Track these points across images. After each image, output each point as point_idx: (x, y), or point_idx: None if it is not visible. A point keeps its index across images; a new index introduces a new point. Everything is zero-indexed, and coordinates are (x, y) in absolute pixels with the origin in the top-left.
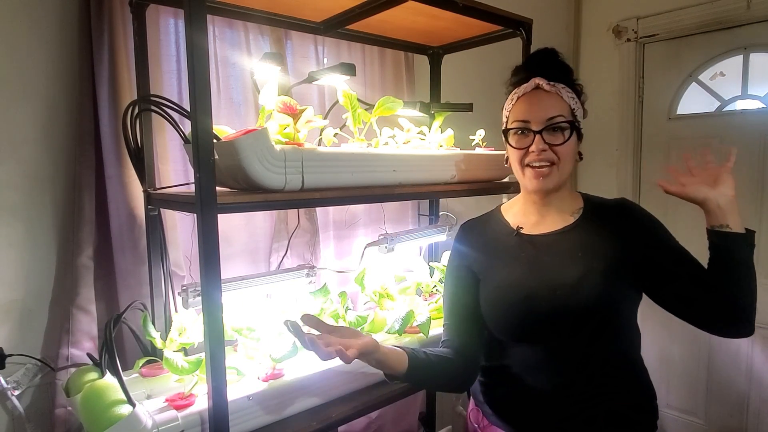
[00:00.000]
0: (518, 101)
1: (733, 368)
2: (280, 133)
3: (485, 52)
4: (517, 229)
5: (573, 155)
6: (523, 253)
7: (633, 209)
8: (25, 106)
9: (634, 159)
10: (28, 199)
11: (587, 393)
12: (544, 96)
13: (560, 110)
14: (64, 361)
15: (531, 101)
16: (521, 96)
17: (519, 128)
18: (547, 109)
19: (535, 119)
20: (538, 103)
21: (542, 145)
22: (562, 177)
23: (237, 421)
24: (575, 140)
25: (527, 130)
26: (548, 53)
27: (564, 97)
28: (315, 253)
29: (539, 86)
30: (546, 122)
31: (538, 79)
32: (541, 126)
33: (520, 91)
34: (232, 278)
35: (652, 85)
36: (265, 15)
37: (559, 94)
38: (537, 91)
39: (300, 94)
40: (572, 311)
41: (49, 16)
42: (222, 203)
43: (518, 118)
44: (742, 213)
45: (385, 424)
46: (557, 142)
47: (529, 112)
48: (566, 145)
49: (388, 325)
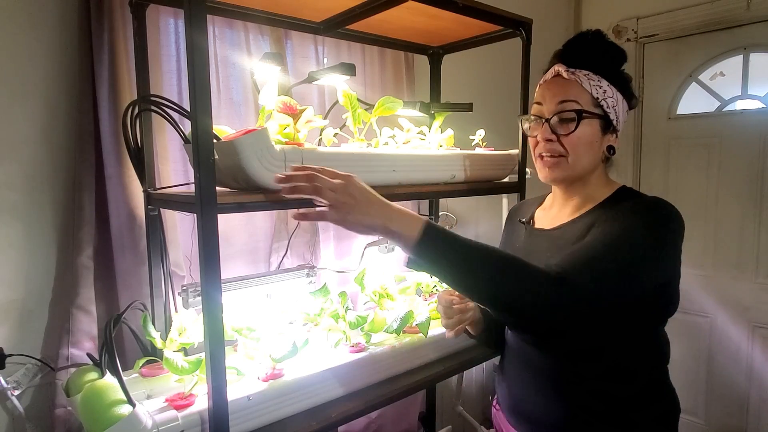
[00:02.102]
0: (539, 89)
1: (733, 368)
2: (280, 133)
3: (485, 52)
4: (528, 219)
5: (587, 148)
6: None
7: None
8: (24, 106)
9: (634, 159)
10: (28, 199)
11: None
12: (561, 83)
13: (574, 97)
14: (64, 361)
15: (547, 88)
16: (542, 84)
17: (533, 115)
18: (558, 96)
19: (547, 107)
20: (552, 90)
21: (548, 134)
22: (575, 169)
23: (237, 421)
24: (591, 132)
25: (540, 117)
26: (579, 38)
27: (584, 85)
28: (315, 253)
29: (558, 73)
30: (556, 109)
31: (558, 66)
32: (550, 114)
33: (542, 80)
34: (232, 278)
35: (652, 85)
36: (265, 15)
37: (578, 81)
38: (557, 78)
39: (300, 94)
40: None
41: (49, 16)
42: (222, 203)
43: (535, 101)
44: (743, 213)
45: (385, 424)
46: (563, 132)
47: (543, 99)
48: (572, 136)
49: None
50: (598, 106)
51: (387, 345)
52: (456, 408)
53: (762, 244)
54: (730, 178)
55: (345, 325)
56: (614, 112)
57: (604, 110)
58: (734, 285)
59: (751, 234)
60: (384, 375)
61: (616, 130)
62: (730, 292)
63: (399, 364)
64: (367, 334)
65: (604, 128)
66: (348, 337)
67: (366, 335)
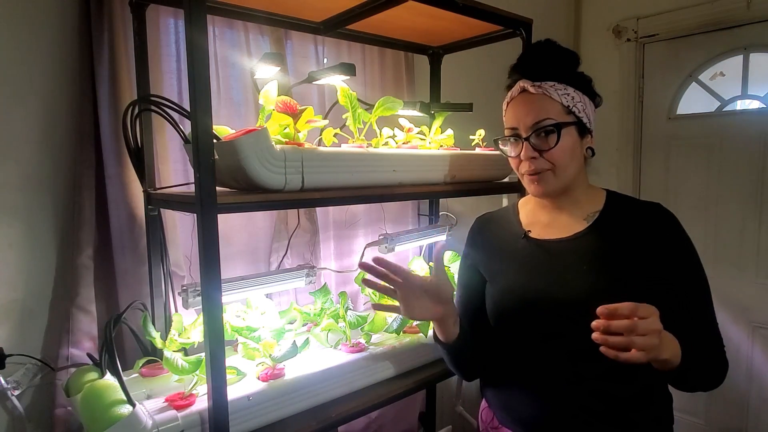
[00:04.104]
0: (508, 108)
1: (733, 368)
2: (280, 133)
3: (485, 52)
4: (525, 232)
5: (571, 156)
6: (528, 259)
7: (666, 219)
8: (25, 106)
9: (634, 159)
10: (28, 199)
11: (584, 394)
12: (530, 99)
13: (547, 112)
14: (64, 361)
15: (518, 106)
16: (510, 102)
17: (509, 136)
18: (532, 113)
19: (522, 125)
20: (523, 107)
21: (531, 153)
22: (564, 180)
23: (237, 421)
24: (571, 140)
25: (518, 137)
26: (535, 50)
27: (554, 96)
28: (315, 253)
29: (525, 89)
30: (532, 127)
31: (523, 81)
32: (527, 132)
33: (509, 97)
34: (232, 278)
35: (652, 85)
36: (265, 15)
37: (546, 94)
38: (523, 94)
39: (300, 94)
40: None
41: (49, 16)
42: (222, 203)
43: (508, 125)
44: (743, 213)
45: (385, 424)
46: (545, 147)
47: (516, 119)
48: (557, 149)
49: (387, 324)
50: (570, 113)
51: (387, 345)
52: (456, 408)
53: (762, 244)
54: (730, 178)
55: (345, 325)
56: (586, 115)
57: (577, 116)
58: (734, 285)
59: (751, 234)
60: (384, 375)
61: (590, 132)
62: (730, 292)
63: (399, 364)
64: (367, 334)
65: (581, 133)
66: (348, 337)
67: (366, 335)
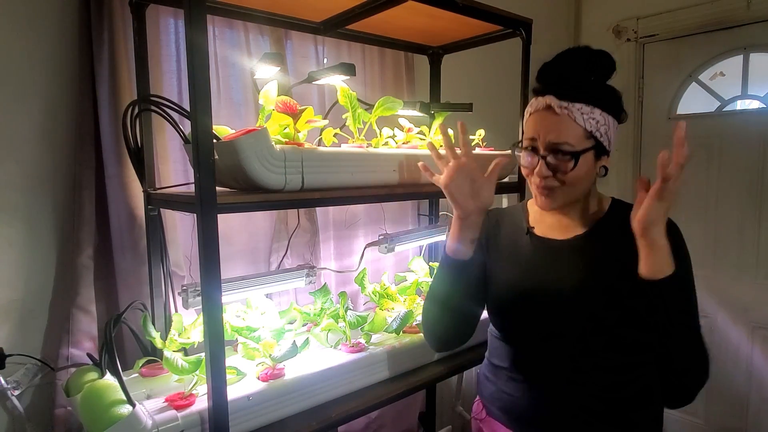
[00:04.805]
0: (530, 118)
1: (733, 368)
2: (280, 133)
3: (485, 52)
4: (530, 229)
5: (584, 178)
6: (529, 255)
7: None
8: (25, 106)
9: (634, 159)
10: (28, 199)
11: (584, 394)
12: (554, 119)
13: (567, 137)
14: (64, 361)
15: (540, 121)
16: (532, 113)
17: (528, 146)
18: (552, 133)
19: (542, 142)
20: (545, 124)
21: (545, 171)
22: (571, 196)
23: (237, 421)
24: (587, 165)
25: (535, 149)
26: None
27: (578, 120)
28: (315, 253)
29: (550, 106)
30: (550, 147)
31: (549, 98)
32: (546, 150)
33: (532, 107)
34: (232, 278)
35: (652, 85)
36: (265, 15)
37: (571, 116)
38: (548, 111)
39: (300, 94)
40: (567, 322)
41: (48, 16)
42: (222, 203)
43: (527, 135)
44: (743, 213)
45: (385, 424)
46: (561, 169)
47: (536, 131)
48: (570, 173)
49: (387, 324)
50: (591, 137)
51: (387, 345)
52: (456, 408)
53: (762, 244)
54: (730, 178)
55: (345, 325)
56: (607, 138)
57: (598, 140)
58: (734, 285)
59: (751, 234)
60: (384, 375)
61: (608, 152)
62: (730, 293)
63: (399, 364)
64: (367, 334)
65: (598, 154)
66: (348, 337)
67: (366, 335)
